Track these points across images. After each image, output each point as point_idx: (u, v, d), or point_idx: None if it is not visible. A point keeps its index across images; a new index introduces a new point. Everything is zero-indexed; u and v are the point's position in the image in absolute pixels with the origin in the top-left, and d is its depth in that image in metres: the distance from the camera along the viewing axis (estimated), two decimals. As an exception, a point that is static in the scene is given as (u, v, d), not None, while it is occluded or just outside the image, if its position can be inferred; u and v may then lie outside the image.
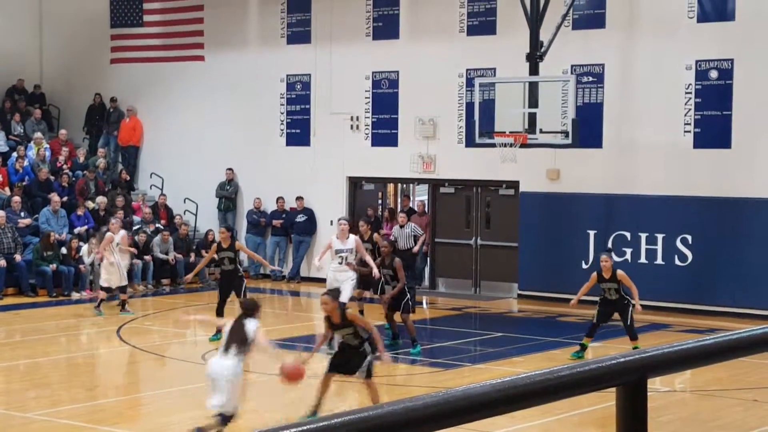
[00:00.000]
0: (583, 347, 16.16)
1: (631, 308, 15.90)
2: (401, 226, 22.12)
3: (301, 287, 24.60)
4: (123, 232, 20.67)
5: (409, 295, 16.51)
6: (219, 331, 16.56)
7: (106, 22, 28.26)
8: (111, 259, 19.56)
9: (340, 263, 17.34)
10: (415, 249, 22.27)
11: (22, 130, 27.41)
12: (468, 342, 18.56)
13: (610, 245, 20.80)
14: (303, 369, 11.21)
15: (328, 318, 12.19)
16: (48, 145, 26.73)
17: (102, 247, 19.85)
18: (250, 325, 11.10)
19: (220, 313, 16.73)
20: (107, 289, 19.79)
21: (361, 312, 16.37)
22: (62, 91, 29.33)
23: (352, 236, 17.58)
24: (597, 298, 16.28)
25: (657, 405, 12.66)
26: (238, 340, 10.96)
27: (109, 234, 19.98)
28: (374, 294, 18.35)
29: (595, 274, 16.18)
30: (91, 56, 28.82)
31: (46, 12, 29.37)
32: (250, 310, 11.31)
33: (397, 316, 16.68)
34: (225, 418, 10.71)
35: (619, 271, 16.09)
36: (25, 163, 25.64)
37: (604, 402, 11.64)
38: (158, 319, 18.56)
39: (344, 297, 15.10)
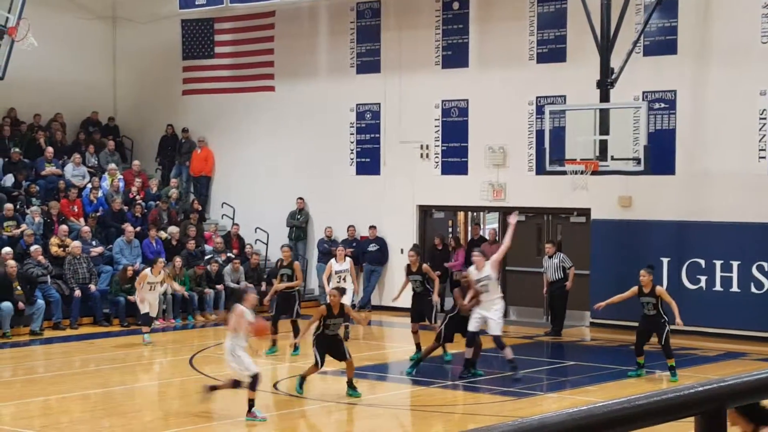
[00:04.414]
0: (639, 365, 16.81)
1: (667, 328, 16.41)
2: (549, 257, 21.76)
3: (372, 316, 24.51)
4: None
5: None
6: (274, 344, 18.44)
7: (178, 55, 28.64)
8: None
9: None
10: (568, 285, 21.58)
11: (96, 162, 27.82)
12: (540, 370, 18.40)
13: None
14: (267, 324, 15.22)
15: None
16: (122, 176, 27.12)
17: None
18: None
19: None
20: None
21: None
22: (135, 122, 29.76)
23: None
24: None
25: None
26: None
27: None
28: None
29: (636, 287, 16.78)
30: (164, 88, 29.23)
31: (120, 45, 29.87)
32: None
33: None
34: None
35: (658, 287, 16.80)
36: (100, 194, 26.01)
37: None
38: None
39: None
